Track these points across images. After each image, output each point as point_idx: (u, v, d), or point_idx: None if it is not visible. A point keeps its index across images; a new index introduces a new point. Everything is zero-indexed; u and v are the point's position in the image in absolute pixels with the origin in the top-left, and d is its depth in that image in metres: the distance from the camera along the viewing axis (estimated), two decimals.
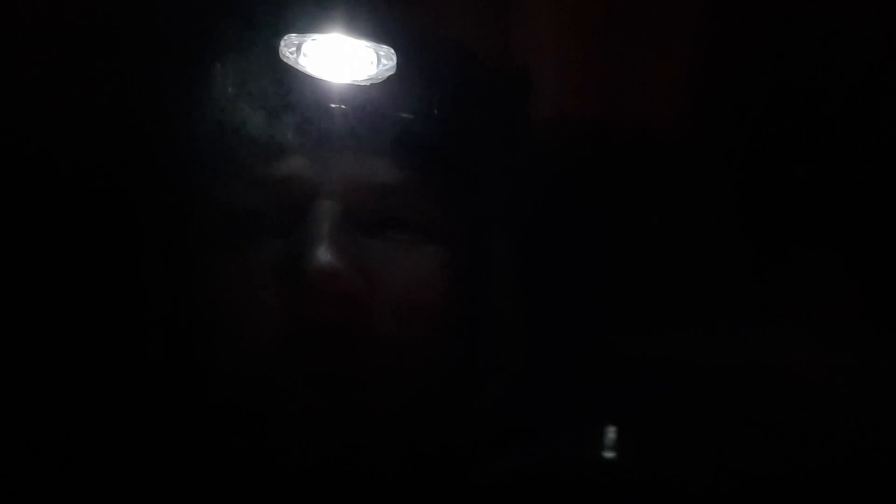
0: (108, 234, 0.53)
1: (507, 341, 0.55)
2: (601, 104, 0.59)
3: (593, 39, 0.59)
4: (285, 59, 0.51)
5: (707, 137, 0.59)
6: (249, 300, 0.50)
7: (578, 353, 0.55)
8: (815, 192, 0.56)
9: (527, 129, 0.57)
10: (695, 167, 0.58)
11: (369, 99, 0.51)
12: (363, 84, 0.51)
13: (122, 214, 0.53)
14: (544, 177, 0.57)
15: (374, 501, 0.52)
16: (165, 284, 0.53)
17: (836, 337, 0.55)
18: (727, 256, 0.57)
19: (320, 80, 0.51)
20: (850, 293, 0.56)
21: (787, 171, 0.57)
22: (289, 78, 0.51)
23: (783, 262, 0.56)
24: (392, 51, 0.51)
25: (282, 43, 0.51)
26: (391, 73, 0.51)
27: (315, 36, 0.51)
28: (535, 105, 0.57)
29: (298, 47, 0.51)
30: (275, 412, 0.50)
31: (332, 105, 0.51)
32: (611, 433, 0.55)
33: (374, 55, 0.51)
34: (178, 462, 0.52)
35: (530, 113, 0.57)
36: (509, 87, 0.56)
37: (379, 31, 0.51)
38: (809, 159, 0.56)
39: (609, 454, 0.54)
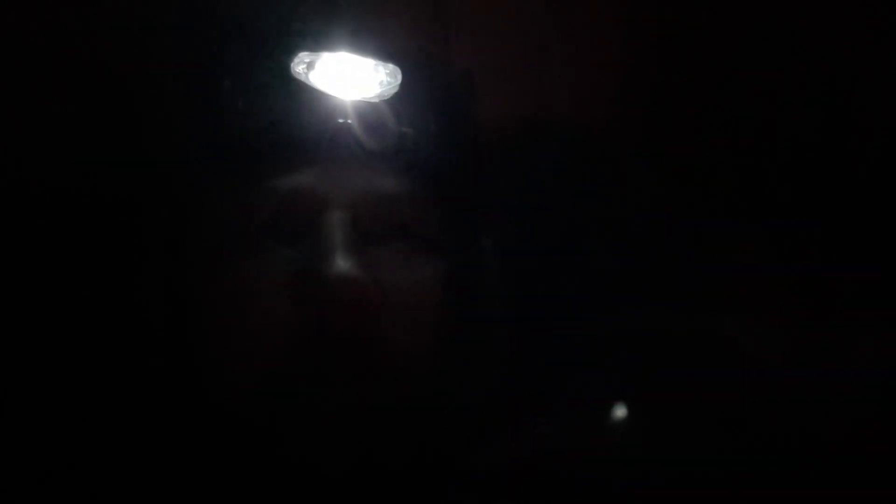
0: (119, 245, 0.54)
1: (497, 339, 0.58)
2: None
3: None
4: (296, 76, 0.53)
5: (645, 129, 0.62)
6: (262, 307, 0.52)
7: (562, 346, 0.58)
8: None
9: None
10: (639, 161, 0.62)
11: (376, 114, 0.54)
12: (371, 100, 0.54)
13: (134, 226, 0.54)
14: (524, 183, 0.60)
15: (382, 495, 0.53)
16: (176, 293, 0.54)
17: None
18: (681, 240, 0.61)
19: (330, 95, 0.53)
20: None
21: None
22: (299, 93, 0.53)
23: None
24: (397, 69, 0.54)
25: (293, 60, 0.53)
26: (396, 90, 0.54)
27: (325, 54, 0.53)
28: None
29: (309, 64, 0.53)
30: (287, 415, 0.51)
31: (341, 120, 0.54)
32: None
33: (382, 73, 0.54)
34: (185, 466, 0.52)
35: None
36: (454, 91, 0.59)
37: (385, 50, 0.54)
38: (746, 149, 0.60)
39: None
